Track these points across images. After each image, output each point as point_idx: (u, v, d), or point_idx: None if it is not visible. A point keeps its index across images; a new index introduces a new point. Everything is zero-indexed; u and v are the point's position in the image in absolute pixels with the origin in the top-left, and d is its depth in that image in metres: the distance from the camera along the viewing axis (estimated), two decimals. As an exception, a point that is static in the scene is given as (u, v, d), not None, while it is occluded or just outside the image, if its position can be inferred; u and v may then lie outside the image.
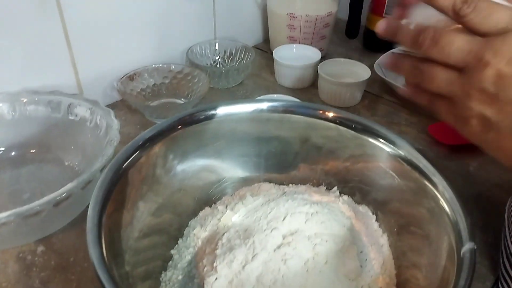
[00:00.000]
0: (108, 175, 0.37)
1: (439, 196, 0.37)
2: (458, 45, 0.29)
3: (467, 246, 0.32)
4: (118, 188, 0.37)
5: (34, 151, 0.57)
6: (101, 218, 0.33)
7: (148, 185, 0.43)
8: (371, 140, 0.45)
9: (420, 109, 0.69)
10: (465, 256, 0.31)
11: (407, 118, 0.68)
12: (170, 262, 0.43)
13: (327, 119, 0.46)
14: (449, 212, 0.36)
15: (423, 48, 0.30)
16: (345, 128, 0.46)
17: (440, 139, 0.61)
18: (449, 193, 0.36)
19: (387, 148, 0.43)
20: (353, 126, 0.45)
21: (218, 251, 0.39)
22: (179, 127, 0.45)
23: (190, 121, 0.45)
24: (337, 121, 0.46)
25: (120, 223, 0.38)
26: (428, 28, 0.30)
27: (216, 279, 0.37)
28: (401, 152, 0.42)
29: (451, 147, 0.60)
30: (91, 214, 0.33)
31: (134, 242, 0.39)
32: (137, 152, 0.41)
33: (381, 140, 0.44)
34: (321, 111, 0.46)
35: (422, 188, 0.40)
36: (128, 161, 0.39)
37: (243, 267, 0.37)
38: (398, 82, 0.72)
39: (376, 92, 0.74)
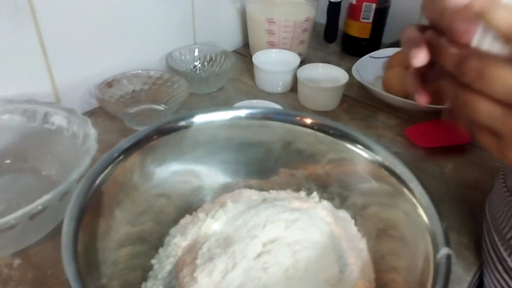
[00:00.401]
0: (83, 189, 0.36)
1: (415, 201, 0.38)
2: (505, 81, 0.25)
3: (443, 251, 0.32)
4: (94, 200, 0.37)
5: (9, 161, 0.55)
6: (77, 233, 0.33)
7: (125, 194, 0.42)
8: (348, 145, 0.45)
9: (396, 113, 0.71)
10: (441, 262, 0.32)
11: (384, 121, 0.69)
12: (151, 272, 0.43)
13: (305, 125, 0.47)
14: (425, 218, 0.37)
15: (467, 79, 0.26)
16: (323, 134, 0.46)
17: (417, 142, 0.62)
18: (425, 198, 0.37)
19: (364, 153, 0.44)
20: (331, 132, 0.46)
21: (198, 261, 0.39)
22: (157, 136, 0.44)
23: (167, 129, 0.45)
24: (315, 127, 0.46)
25: (96, 234, 0.37)
26: (473, 56, 0.26)
27: (196, 289, 0.37)
28: (378, 158, 0.43)
29: (427, 149, 0.61)
30: (66, 229, 0.32)
31: (112, 253, 0.38)
32: (113, 163, 0.40)
33: (358, 145, 0.44)
34: (298, 118, 0.47)
35: (399, 192, 0.41)
36: (104, 173, 0.39)
37: (224, 276, 0.37)
38: (376, 86, 0.73)
39: (355, 95, 0.75)
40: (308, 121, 0.46)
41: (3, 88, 0.59)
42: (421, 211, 0.37)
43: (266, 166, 0.51)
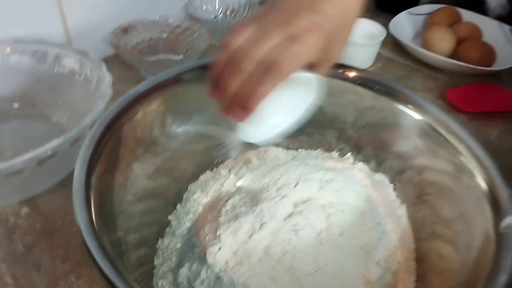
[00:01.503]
0: (98, 131, 0.32)
1: (473, 166, 0.33)
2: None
3: (508, 220, 0.28)
4: (109, 146, 0.33)
5: (17, 105, 0.52)
6: (89, 179, 0.29)
7: (144, 145, 0.38)
8: (394, 103, 0.40)
9: (436, 74, 0.65)
10: (506, 231, 0.27)
11: (423, 83, 0.63)
12: (168, 228, 0.39)
13: (346, 79, 0.42)
14: (482, 183, 0.32)
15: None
16: (365, 90, 0.41)
17: (459, 106, 0.57)
18: (486, 162, 0.32)
19: (413, 112, 0.39)
20: (376, 88, 0.40)
21: (221, 219, 0.35)
22: (180, 82, 0.40)
23: (192, 76, 0.41)
24: (358, 82, 0.41)
25: (112, 185, 0.33)
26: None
27: (219, 248, 0.33)
28: (430, 118, 0.38)
29: (470, 114, 0.56)
30: (78, 174, 0.29)
31: (128, 206, 0.35)
32: (131, 107, 0.36)
33: (406, 103, 0.39)
34: (341, 70, 0.41)
35: (452, 156, 0.36)
36: (122, 116, 0.34)
37: (250, 236, 0.34)
38: (415, 43, 0.67)
39: (390, 54, 0.69)
40: (352, 74, 0.41)
41: (11, 27, 0.54)
42: (478, 175, 0.33)
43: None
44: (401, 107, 0.40)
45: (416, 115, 0.39)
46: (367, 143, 0.43)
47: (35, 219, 0.41)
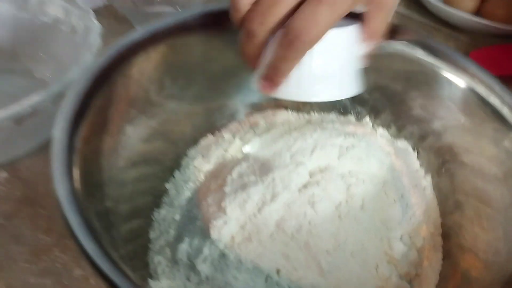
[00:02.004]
0: (84, 85, 0.27)
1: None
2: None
3: None
4: (98, 104, 0.28)
5: (-4, 58, 0.46)
6: (73, 140, 0.24)
7: (138, 106, 0.34)
8: (422, 57, 0.35)
9: (457, 34, 0.60)
10: None
11: (443, 43, 0.58)
12: (165, 197, 0.35)
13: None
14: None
15: None
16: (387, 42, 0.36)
17: (485, 68, 0.52)
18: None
19: (445, 68, 0.34)
20: (408, 43, 0.35)
21: (227, 189, 0.31)
22: (180, 31, 0.35)
23: (195, 24, 0.35)
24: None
25: (100, 149, 0.29)
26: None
27: (225, 222, 0.29)
28: (465, 76, 0.33)
29: (498, 77, 0.51)
30: (59, 134, 0.24)
31: (119, 173, 0.31)
32: (124, 59, 0.31)
33: (437, 57, 0.35)
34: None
35: (490, 119, 0.32)
36: (112, 68, 0.29)
37: (260, 209, 0.29)
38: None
39: (405, 11, 0.64)
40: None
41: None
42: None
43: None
44: (430, 60, 0.35)
45: (450, 73, 0.34)
46: (389, 105, 0.39)
47: (14, 185, 0.36)
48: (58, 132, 0.24)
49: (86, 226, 0.20)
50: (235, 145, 0.37)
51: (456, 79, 0.34)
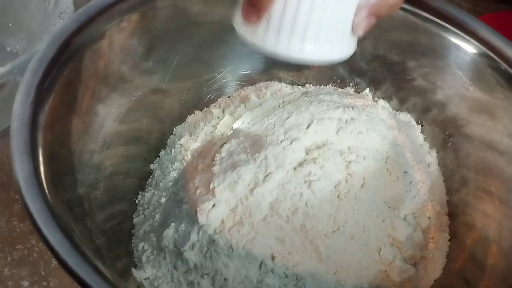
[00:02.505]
0: (48, 52, 0.24)
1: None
2: None
3: None
4: (64, 74, 0.25)
5: (-38, 31, 0.42)
6: (36, 116, 0.21)
7: (110, 82, 0.30)
8: (426, 21, 0.32)
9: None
10: None
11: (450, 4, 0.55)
12: (150, 179, 0.33)
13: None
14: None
15: None
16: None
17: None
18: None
19: (452, 31, 0.31)
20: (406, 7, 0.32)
21: (215, 168, 0.28)
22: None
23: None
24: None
25: (69, 131, 0.26)
26: None
27: (213, 205, 0.26)
28: (475, 40, 0.30)
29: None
30: (19, 108, 0.21)
31: (93, 156, 0.28)
32: (93, 24, 0.27)
33: (443, 20, 0.32)
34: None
35: (502, 87, 0.29)
36: (80, 33, 0.26)
37: (251, 190, 0.27)
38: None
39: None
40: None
41: None
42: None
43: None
44: (438, 27, 0.32)
45: (458, 37, 0.31)
46: (390, 75, 0.36)
47: (-16, 168, 0.33)
48: (18, 105, 0.21)
49: (50, 213, 0.17)
50: (225, 121, 0.34)
51: (465, 44, 0.31)
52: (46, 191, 0.19)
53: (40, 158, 0.20)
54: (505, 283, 0.26)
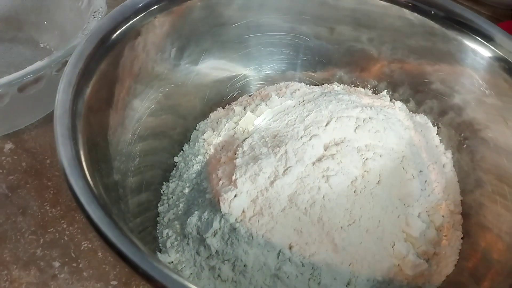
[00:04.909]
0: (87, 47, 0.26)
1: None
2: None
3: None
4: (101, 68, 0.27)
5: (1, 28, 0.45)
6: (76, 104, 0.23)
7: (141, 77, 0.32)
8: (444, 25, 0.33)
9: (478, 6, 0.57)
10: None
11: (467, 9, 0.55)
12: (174, 171, 0.34)
13: (393, 1, 0.34)
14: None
15: None
16: (416, 14, 0.34)
17: None
18: None
19: (469, 36, 0.32)
20: (432, 12, 0.33)
21: (237, 161, 0.30)
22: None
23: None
24: (410, 4, 0.34)
25: (106, 121, 0.28)
26: None
27: (235, 195, 0.28)
28: (492, 44, 0.31)
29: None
30: (62, 97, 0.23)
31: (127, 146, 0.29)
32: (127, 21, 0.29)
33: (461, 25, 0.33)
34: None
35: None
36: (115, 31, 0.28)
37: (272, 182, 0.28)
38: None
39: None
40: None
41: None
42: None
43: (321, 53, 0.39)
44: (456, 31, 0.33)
45: (475, 42, 0.32)
46: (408, 78, 0.37)
47: (20, 156, 0.35)
48: (61, 94, 0.23)
49: (91, 192, 0.19)
50: (247, 117, 0.35)
51: (481, 49, 0.32)
52: (87, 173, 0.20)
53: (80, 143, 0.22)
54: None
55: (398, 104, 0.36)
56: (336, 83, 0.39)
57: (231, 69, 0.39)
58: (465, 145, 0.34)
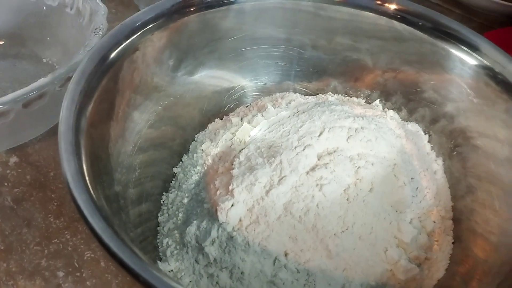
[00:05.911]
0: (89, 64, 0.27)
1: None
2: None
3: None
4: (103, 84, 0.28)
5: (4, 43, 0.46)
6: (79, 120, 0.24)
7: (143, 91, 0.33)
8: (433, 36, 0.34)
9: (470, 15, 0.59)
10: None
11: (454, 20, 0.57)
12: (173, 181, 0.35)
13: (383, 13, 0.35)
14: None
15: None
16: (406, 26, 0.35)
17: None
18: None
19: (456, 46, 0.33)
20: (420, 24, 0.34)
21: (234, 171, 0.31)
22: (186, 11, 0.34)
23: (201, 4, 0.35)
24: (398, 16, 0.35)
25: (107, 134, 0.29)
26: None
27: (232, 205, 0.29)
28: (477, 54, 0.32)
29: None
30: (65, 114, 0.24)
31: (127, 158, 0.31)
32: (127, 39, 0.30)
33: (448, 35, 0.34)
34: (378, 2, 0.35)
35: (502, 101, 0.31)
36: (116, 48, 0.29)
37: (267, 192, 0.29)
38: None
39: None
40: (392, 7, 0.35)
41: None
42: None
43: (315, 64, 0.41)
44: (444, 42, 0.34)
45: (462, 52, 0.33)
46: (401, 87, 0.38)
47: (25, 169, 0.37)
48: (65, 111, 0.24)
49: (94, 205, 0.20)
50: (243, 128, 0.36)
51: (468, 58, 0.33)
52: (89, 186, 0.21)
53: (83, 158, 0.23)
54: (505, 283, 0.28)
55: (390, 113, 0.37)
56: (331, 93, 0.41)
57: (228, 80, 0.40)
58: (455, 152, 0.35)
